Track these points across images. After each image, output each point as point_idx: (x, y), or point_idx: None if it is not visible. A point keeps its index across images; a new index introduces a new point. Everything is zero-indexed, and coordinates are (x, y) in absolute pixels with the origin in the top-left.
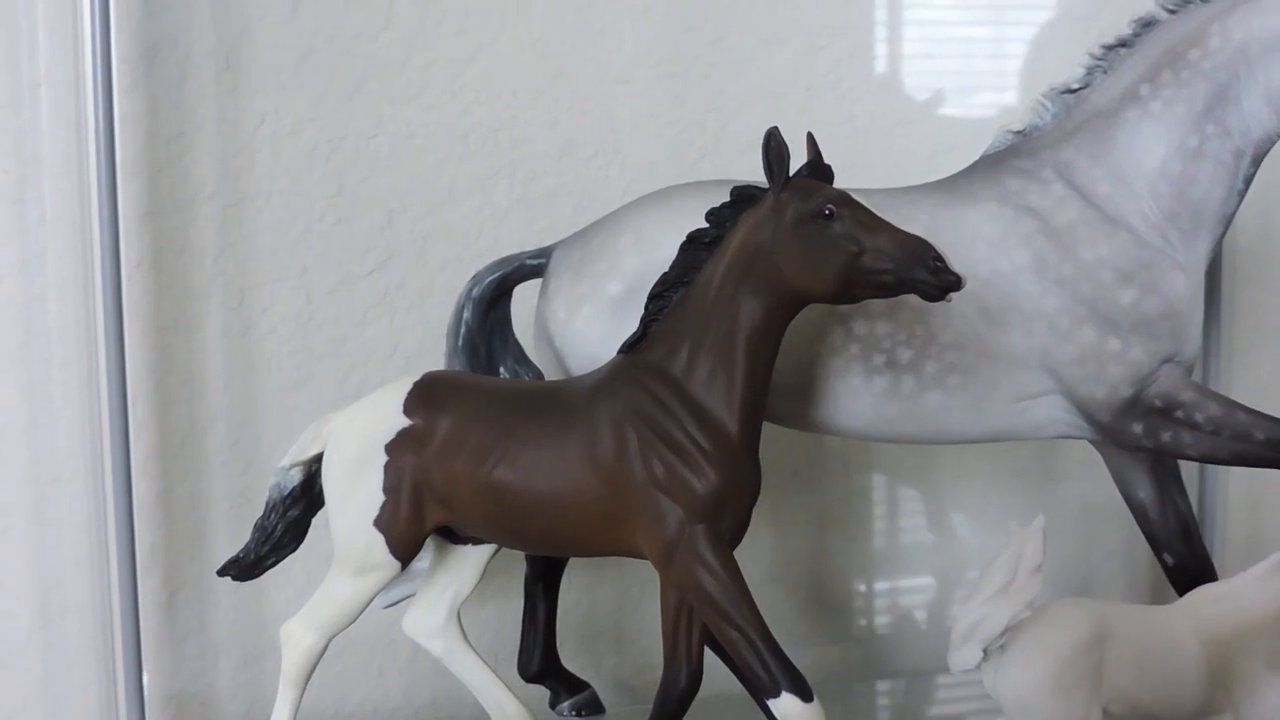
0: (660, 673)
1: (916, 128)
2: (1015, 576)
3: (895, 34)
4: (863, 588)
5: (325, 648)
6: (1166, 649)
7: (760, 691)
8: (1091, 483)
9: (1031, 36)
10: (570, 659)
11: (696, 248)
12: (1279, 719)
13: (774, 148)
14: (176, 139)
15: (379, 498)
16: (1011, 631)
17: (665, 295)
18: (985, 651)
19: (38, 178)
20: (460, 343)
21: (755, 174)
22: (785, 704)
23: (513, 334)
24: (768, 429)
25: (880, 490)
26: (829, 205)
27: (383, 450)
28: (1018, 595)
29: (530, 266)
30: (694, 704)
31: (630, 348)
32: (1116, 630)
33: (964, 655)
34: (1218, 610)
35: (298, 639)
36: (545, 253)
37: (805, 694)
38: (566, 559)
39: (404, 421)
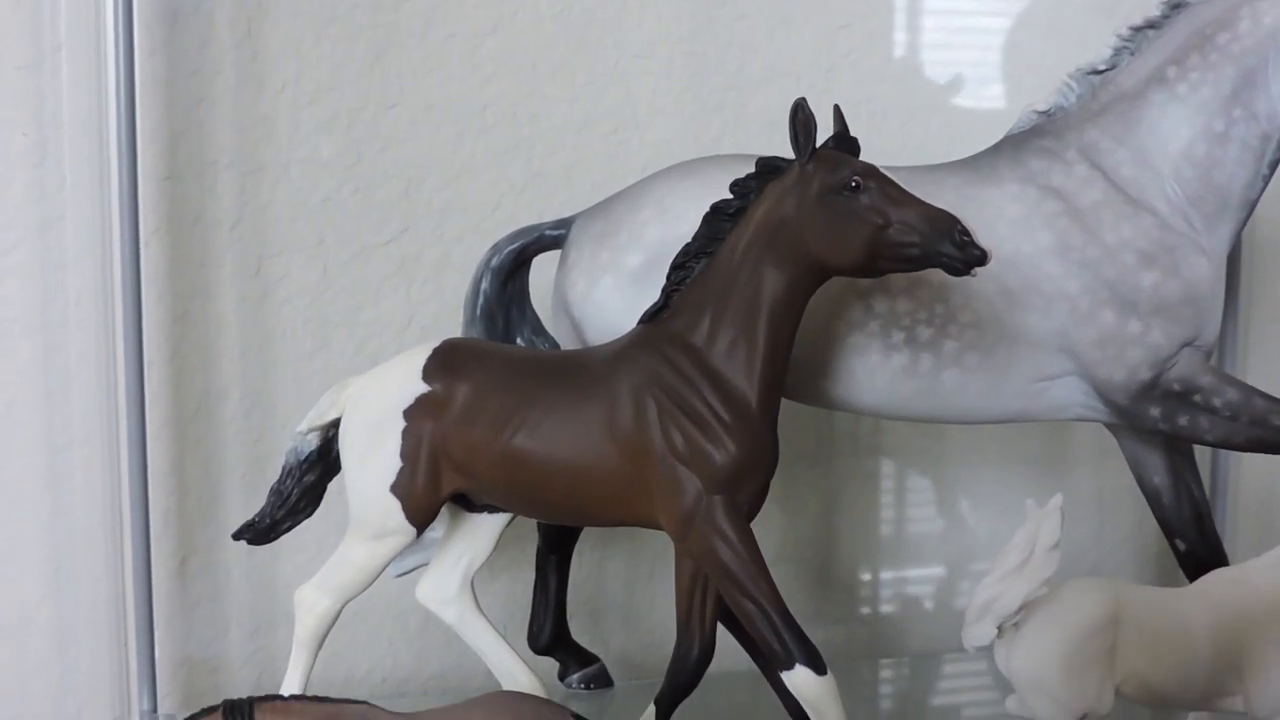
0: (668, 649)
1: (935, 112)
2: (1032, 554)
3: (915, 18)
4: (870, 570)
5: (339, 613)
6: (1179, 631)
7: (774, 663)
8: (1102, 469)
9: (1050, 24)
10: (579, 633)
11: (720, 218)
12: None
13: (801, 118)
14: (196, 105)
15: (396, 463)
16: (1026, 610)
17: (688, 265)
18: (999, 629)
19: (57, 142)
20: (478, 312)
21: (773, 152)
22: (799, 676)
23: (530, 305)
24: (780, 409)
25: (890, 474)
26: (855, 177)
27: (401, 416)
28: (1034, 573)
29: (550, 237)
30: (704, 679)
31: (652, 317)
32: (1130, 611)
33: (978, 632)
34: (1231, 595)
35: (312, 603)
36: (565, 223)
37: (819, 667)
38: (579, 532)
39: (423, 387)
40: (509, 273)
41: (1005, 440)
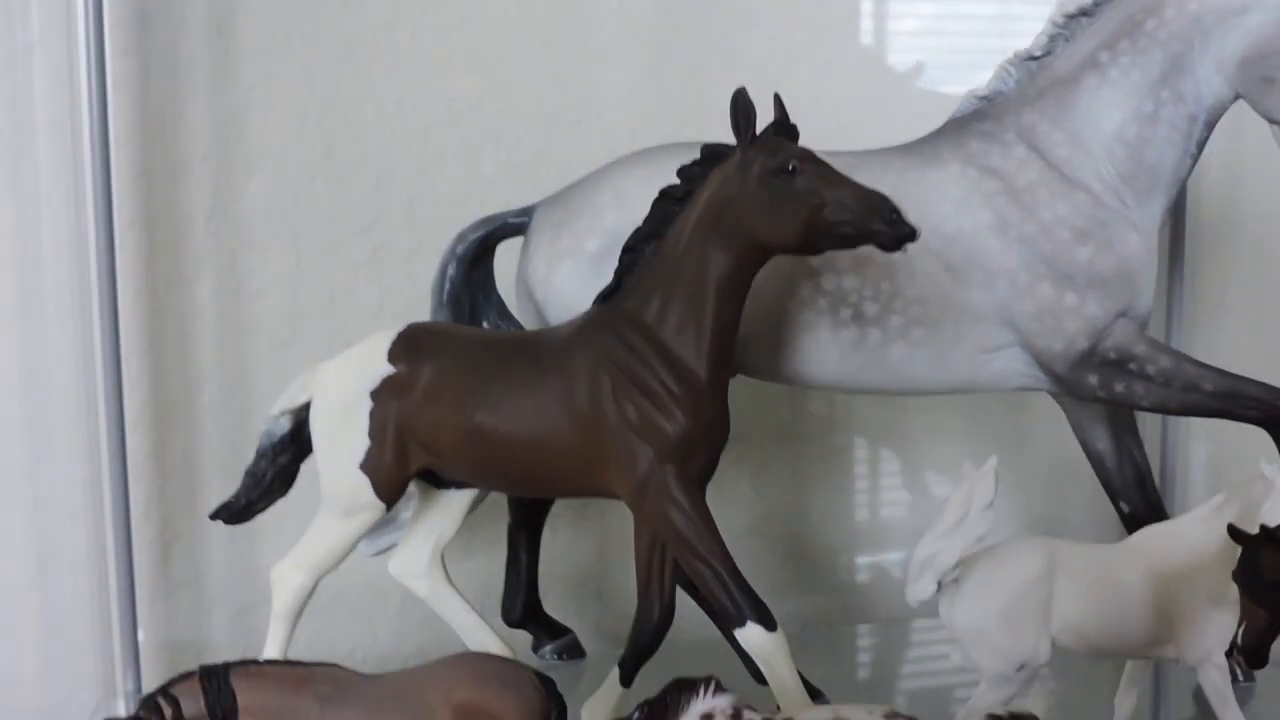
0: None
1: (893, 101)
2: (968, 513)
3: (879, 7)
4: (840, 541)
5: (314, 587)
6: (1113, 584)
7: (727, 621)
8: (1061, 441)
9: (1011, 12)
10: (553, 608)
11: (668, 203)
12: (1217, 650)
13: (741, 106)
14: (169, 103)
15: (365, 442)
16: (965, 566)
17: (638, 248)
18: (940, 584)
19: (31, 140)
20: (445, 298)
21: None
22: (750, 633)
23: (496, 290)
24: (750, 387)
25: (860, 449)
26: (792, 160)
27: (368, 397)
28: (969, 531)
29: (513, 225)
30: (670, 647)
31: (606, 298)
32: (1065, 566)
33: (919, 588)
34: (1163, 548)
35: (288, 579)
36: (527, 211)
37: (769, 623)
38: (548, 509)
39: (388, 369)
40: (473, 260)
41: (969, 415)
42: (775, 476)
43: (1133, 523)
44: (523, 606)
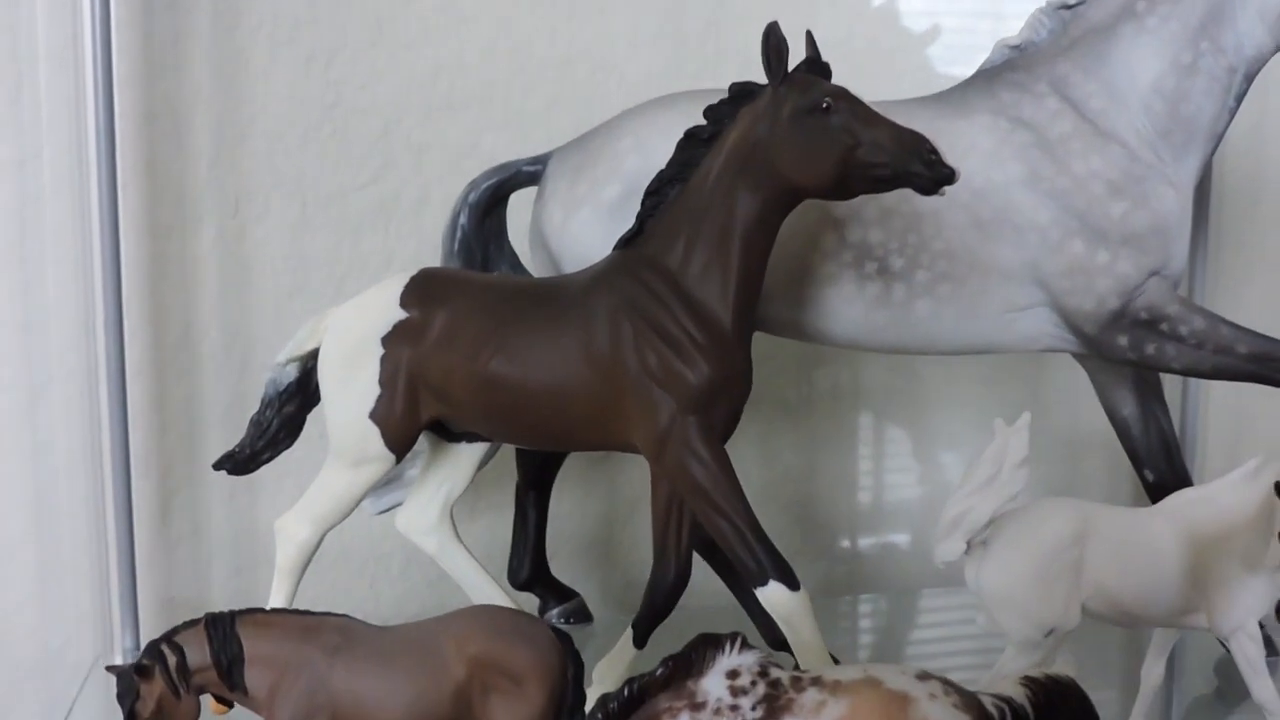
0: None
1: (914, 53)
2: (1000, 470)
3: None
4: (848, 511)
5: (320, 542)
6: (1146, 549)
7: (749, 580)
8: (1075, 413)
9: None
10: (560, 572)
11: (694, 144)
12: (1250, 619)
13: (773, 42)
14: (173, 42)
15: (375, 390)
16: (995, 526)
17: (662, 191)
18: (969, 544)
19: (34, 78)
20: (455, 247)
21: None
22: (772, 592)
23: (508, 240)
24: (759, 351)
25: (869, 418)
26: (826, 98)
27: (379, 343)
28: (1002, 489)
29: (527, 173)
30: (679, 612)
31: (627, 243)
32: (1098, 528)
33: (948, 547)
34: (1197, 513)
35: (292, 533)
36: (542, 160)
37: (792, 582)
38: (557, 468)
39: (400, 314)
40: (486, 208)
41: (981, 386)
42: (783, 444)
43: (1157, 492)
44: (530, 568)
